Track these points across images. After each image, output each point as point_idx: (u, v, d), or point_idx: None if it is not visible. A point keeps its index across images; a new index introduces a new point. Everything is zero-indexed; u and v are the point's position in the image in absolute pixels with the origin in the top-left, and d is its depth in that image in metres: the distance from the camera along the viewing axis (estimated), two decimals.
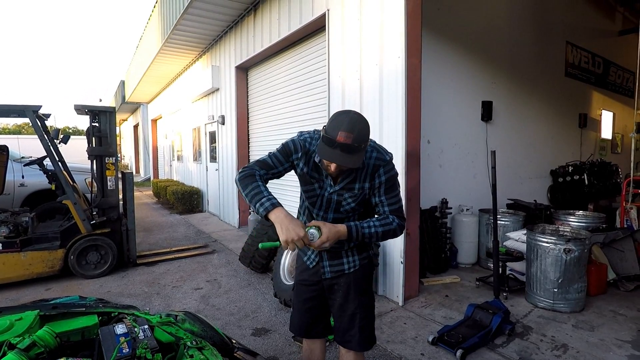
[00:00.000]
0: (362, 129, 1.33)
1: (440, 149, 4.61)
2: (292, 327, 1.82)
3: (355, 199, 1.53)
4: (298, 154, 1.54)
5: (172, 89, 11.58)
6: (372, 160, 1.49)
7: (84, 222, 4.19)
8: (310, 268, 1.70)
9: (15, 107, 4.11)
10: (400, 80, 3.27)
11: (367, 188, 1.52)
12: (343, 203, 1.55)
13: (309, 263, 1.70)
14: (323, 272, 1.66)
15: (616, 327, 2.98)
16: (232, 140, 6.95)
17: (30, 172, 5.96)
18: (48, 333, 1.22)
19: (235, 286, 3.97)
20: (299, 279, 1.76)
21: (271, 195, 1.42)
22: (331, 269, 1.65)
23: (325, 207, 1.58)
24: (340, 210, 1.56)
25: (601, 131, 8.31)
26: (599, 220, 4.48)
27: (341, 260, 1.65)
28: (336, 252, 1.64)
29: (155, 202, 10.74)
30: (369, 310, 1.68)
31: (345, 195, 1.53)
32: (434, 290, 3.77)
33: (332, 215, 1.59)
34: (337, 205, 1.56)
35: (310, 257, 1.70)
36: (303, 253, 1.73)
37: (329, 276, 1.65)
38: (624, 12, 8.54)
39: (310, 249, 1.65)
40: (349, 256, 1.65)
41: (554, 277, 3.22)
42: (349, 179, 1.51)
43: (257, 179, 1.45)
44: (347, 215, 1.58)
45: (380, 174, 1.49)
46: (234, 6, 5.88)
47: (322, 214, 1.60)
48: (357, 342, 1.63)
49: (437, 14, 4.42)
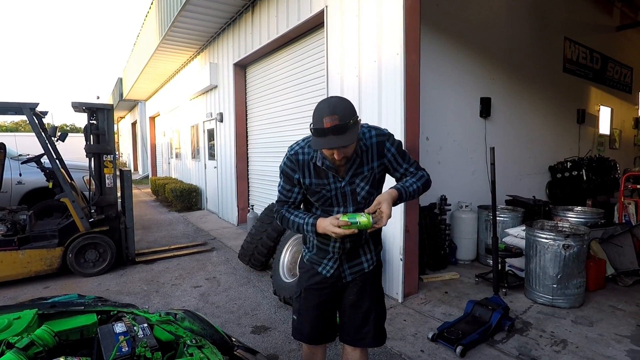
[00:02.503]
0: (345, 107, 1.35)
1: (439, 146, 4.60)
2: (300, 335, 1.72)
3: (368, 181, 1.54)
4: (296, 174, 1.55)
5: (170, 87, 11.53)
6: (374, 139, 1.51)
7: (82, 220, 4.18)
8: (327, 277, 1.64)
9: (12, 105, 4.09)
10: (399, 76, 3.26)
11: (377, 167, 1.54)
12: (357, 190, 1.54)
13: (325, 273, 1.63)
14: (344, 277, 1.63)
15: (615, 322, 2.99)
16: (230, 137, 6.93)
17: (27, 170, 5.94)
18: (47, 332, 1.21)
19: (234, 284, 3.97)
20: (309, 283, 1.67)
21: (305, 215, 1.55)
22: (351, 270, 1.63)
23: (343, 201, 1.55)
24: (358, 200, 1.55)
25: (599, 127, 8.32)
26: (597, 216, 4.48)
27: (360, 260, 1.64)
28: (354, 252, 1.62)
29: (153, 200, 10.72)
30: (382, 305, 1.72)
31: (357, 182, 1.53)
32: (433, 287, 3.78)
33: (351, 209, 1.56)
34: (353, 196, 1.55)
35: (327, 266, 1.63)
36: (317, 263, 1.65)
37: (349, 279, 1.63)
38: (622, 8, 8.52)
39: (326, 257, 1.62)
40: (367, 253, 1.65)
41: (553, 273, 3.23)
42: (355, 165, 1.51)
43: (289, 215, 1.58)
44: (366, 203, 1.55)
45: (389, 147, 1.53)
46: (232, 2, 5.84)
47: (343, 209, 1.56)
48: (371, 338, 1.65)
49: (436, 10, 4.40)
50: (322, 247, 1.62)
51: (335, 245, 1.58)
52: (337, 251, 1.59)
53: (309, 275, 1.68)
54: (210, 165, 8.28)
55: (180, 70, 10.10)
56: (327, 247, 1.60)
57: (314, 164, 1.52)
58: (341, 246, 1.58)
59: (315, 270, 1.66)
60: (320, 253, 1.63)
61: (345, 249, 1.59)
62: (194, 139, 9.45)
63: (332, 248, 1.60)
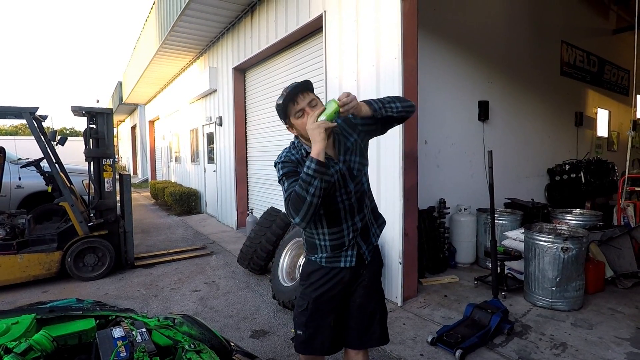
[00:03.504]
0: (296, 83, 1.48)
1: (437, 149, 4.61)
2: (311, 349, 1.66)
3: (355, 152, 1.60)
4: (298, 168, 1.51)
5: (170, 91, 11.55)
6: (339, 120, 1.60)
7: (81, 224, 4.17)
8: (346, 268, 1.61)
9: (12, 109, 4.10)
10: (397, 80, 3.28)
11: (358, 137, 1.61)
12: (351, 165, 1.58)
13: (348, 264, 1.61)
14: (365, 258, 1.64)
15: (615, 324, 2.99)
16: (229, 141, 6.94)
17: (27, 174, 5.93)
18: (45, 337, 1.21)
19: (233, 288, 3.96)
20: (319, 293, 1.62)
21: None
22: (368, 249, 1.65)
23: (343, 182, 1.56)
24: (354, 174, 1.59)
25: (597, 129, 8.36)
26: (596, 218, 4.49)
27: (370, 239, 1.67)
28: (366, 230, 1.65)
29: (152, 204, 10.71)
30: (384, 305, 1.76)
31: (348, 158, 1.57)
32: (432, 291, 3.78)
33: (352, 186, 1.58)
34: (350, 172, 1.57)
35: (347, 256, 1.61)
36: (336, 260, 1.62)
37: (369, 259, 1.66)
38: (618, 11, 8.58)
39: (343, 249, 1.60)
40: (372, 227, 1.68)
41: (552, 276, 3.23)
42: (340, 144, 1.58)
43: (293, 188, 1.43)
44: (361, 176, 1.61)
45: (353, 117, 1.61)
46: (231, 7, 5.87)
47: (345, 191, 1.56)
48: (377, 337, 1.69)
49: (433, 14, 4.43)
50: (336, 242, 1.59)
51: (350, 230, 1.59)
52: (352, 236, 1.60)
53: (320, 284, 1.63)
54: (209, 169, 8.29)
55: (180, 74, 10.13)
56: (342, 240, 1.59)
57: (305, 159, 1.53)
58: (353, 228, 1.59)
59: (331, 273, 1.62)
60: (336, 250, 1.61)
61: (357, 229, 1.60)
62: (193, 143, 9.46)
63: (346, 236, 1.59)
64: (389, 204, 3.47)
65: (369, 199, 1.68)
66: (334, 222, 1.57)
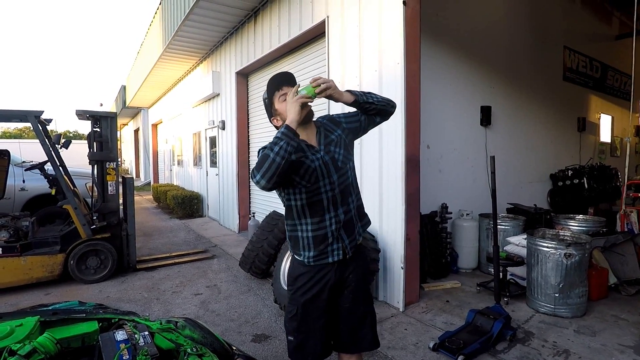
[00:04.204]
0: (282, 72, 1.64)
1: (439, 154, 4.62)
2: (302, 354, 1.64)
3: (340, 144, 1.64)
4: None
5: (173, 94, 11.63)
6: (325, 119, 1.71)
7: (84, 227, 4.19)
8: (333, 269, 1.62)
9: (17, 113, 4.14)
10: (400, 85, 3.29)
11: (342, 132, 1.67)
12: (335, 156, 1.61)
13: (336, 258, 1.61)
14: (347, 252, 1.64)
15: (618, 332, 2.97)
16: (232, 145, 6.97)
17: (31, 177, 5.98)
18: (48, 339, 1.22)
19: (235, 292, 3.96)
20: (307, 298, 1.62)
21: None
22: (351, 245, 1.65)
23: (326, 171, 1.58)
24: (339, 165, 1.61)
25: (600, 135, 8.34)
26: (599, 224, 4.47)
27: (354, 234, 1.67)
28: (350, 225, 1.65)
29: (155, 207, 10.74)
30: (373, 310, 1.77)
31: (332, 149, 1.62)
32: (434, 296, 3.76)
33: (336, 177, 1.59)
34: (334, 163, 1.60)
35: (334, 249, 1.60)
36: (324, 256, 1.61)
37: (351, 254, 1.65)
38: (621, 17, 8.60)
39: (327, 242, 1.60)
40: (357, 225, 1.69)
41: (555, 282, 3.22)
42: (321, 136, 1.63)
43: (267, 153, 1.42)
44: (346, 169, 1.64)
45: (338, 115, 1.73)
46: (235, 13, 5.93)
47: (328, 181, 1.58)
48: (369, 341, 1.70)
49: (436, 19, 4.46)
50: (318, 233, 1.59)
51: (333, 221, 1.59)
52: (335, 227, 1.60)
53: (307, 288, 1.63)
54: (212, 173, 8.31)
55: (183, 79, 10.20)
56: (324, 231, 1.59)
57: None
58: (336, 220, 1.60)
59: (316, 276, 1.62)
60: (321, 245, 1.60)
61: (340, 221, 1.61)
62: (196, 146, 9.50)
63: (329, 227, 1.59)
64: (391, 208, 3.47)
65: (355, 195, 1.69)
66: (316, 212, 1.59)
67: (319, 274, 1.62)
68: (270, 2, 5.39)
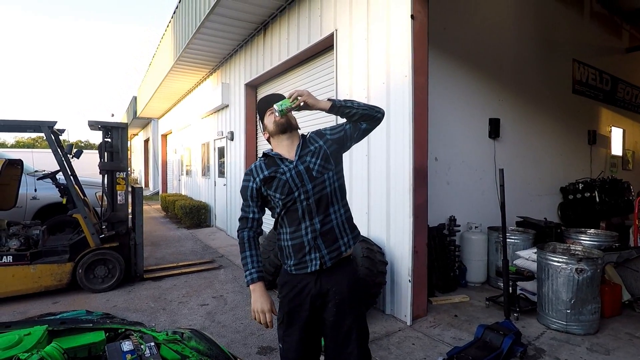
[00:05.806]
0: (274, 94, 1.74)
1: (447, 166, 4.60)
2: None
3: (317, 155, 1.65)
4: (250, 182, 1.69)
5: (183, 105, 11.81)
6: (312, 133, 1.75)
7: (93, 236, 4.23)
8: (312, 279, 1.62)
9: (31, 123, 4.24)
10: (407, 98, 3.31)
11: (324, 144, 1.68)
12: (310, 166, 1.62)
13: (314, 268, 1.61)
14: (324, 262, 1.61)
15: (633, 350, 2.88)
16: (240, 155, 7.03)
17: (42, 186, 6.07)
18: (56, 349, 1.23)
19: (241, 303, 3.95)
20: (290, 307, 1.64)
21: (254, 266, 1.65)
22: (330, 255, 1.62)
23: (300, 181, 1.60)
24: (314, 175, 1.62)
25: (611, 148, 8.22)
26: (611, 239, 4.38)
27: (337, 244, 1.64)
28: (331, 236, 1.63)
29: (163, 216, 10.81)
30: (363, 325, 1.69)
31: (307, 159, 1.64)
32: (442, 310, 3.70)
33: (310, 186, 1.60)
34: (308, 173, 1.62)
35: (312, 259, 1.61)
36: (303, 265, 1.63)
37: (329, 264, 1.62)
38: (631, 30, 8.57)
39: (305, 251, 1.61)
40: (344, 237, 1.66)
41: (567, 298, 3.15)
42: (299, 148, 1.66)
43: (245, 244, 1.72)
44: (323, 177, 1.63)
45: (324, 129, 1.75)
46: (245, 26, 6.05)
47: (303, 190, 1.60)
48: (355, 358, 1.61)
49: (443, 32, 4.49)
50: (296, 242, 1.62)
51: (308, 230, 1.60)
52: (312, 237, 1.60)
53: (290, 297, 1.65)
54: (220, 183, 8.37)
55: (193, 90, 10.37)
56: (301, 240, 1.61)
57: (264, 163, 1.68)
58: (312, 229, 1.60)
59: (298, 286, 1.63)
60: (299, 254, 1.62)
61: (316, 231, 1.60)
62: (204, 157, 9.60)
63: (305, 236, 1.61)
64: (399, 220, 3.45)
65: (339, 205, 1.67)
66: (292, 221, 1.63)
67: (300, 283, 1.64)
68: (279, 16, 5.50)
